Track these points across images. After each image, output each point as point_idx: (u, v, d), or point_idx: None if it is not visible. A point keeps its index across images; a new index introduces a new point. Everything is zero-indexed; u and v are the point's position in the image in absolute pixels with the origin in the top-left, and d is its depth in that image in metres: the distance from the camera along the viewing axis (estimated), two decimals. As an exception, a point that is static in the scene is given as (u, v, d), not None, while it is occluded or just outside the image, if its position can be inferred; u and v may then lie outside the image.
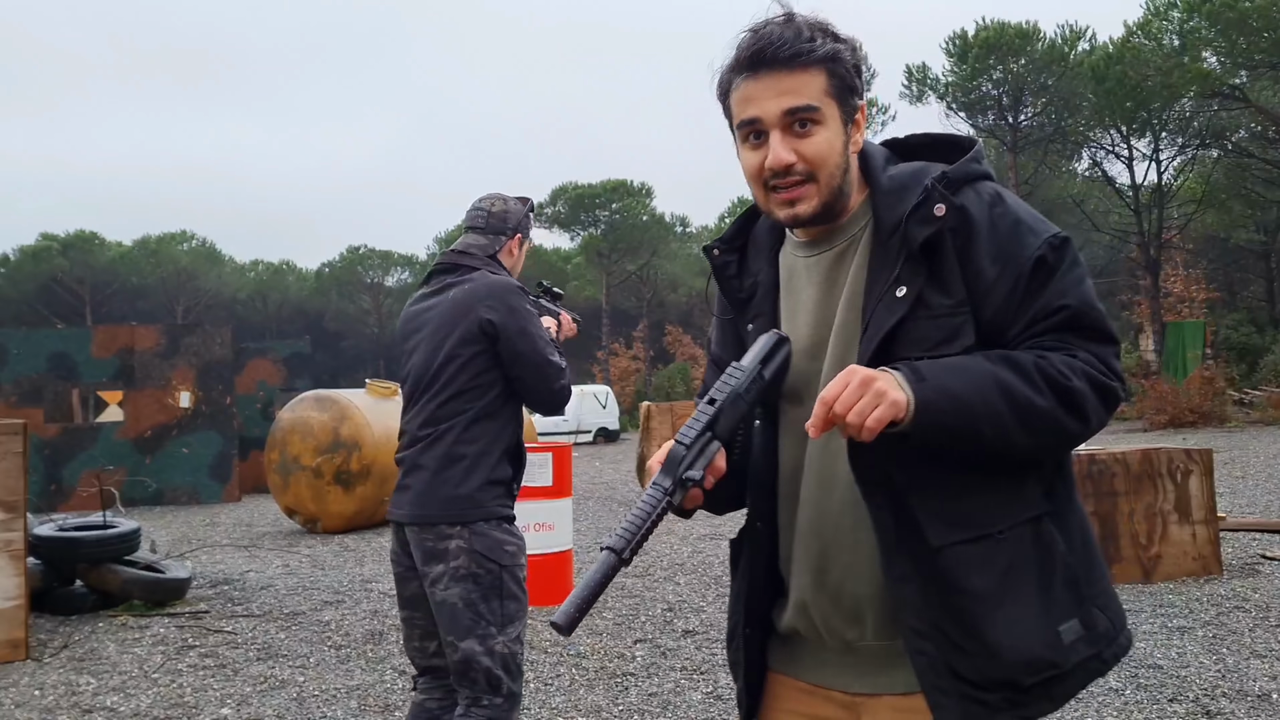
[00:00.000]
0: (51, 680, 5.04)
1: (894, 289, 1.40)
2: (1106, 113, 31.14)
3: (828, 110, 1.43)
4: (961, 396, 1.31)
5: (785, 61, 1.40)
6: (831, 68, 1.42)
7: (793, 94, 1.41)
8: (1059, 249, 1.40)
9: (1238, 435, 20.01)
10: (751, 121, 1.44)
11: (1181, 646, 4.98)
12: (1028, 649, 1.36)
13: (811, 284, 1.52)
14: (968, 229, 1.39)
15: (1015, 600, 1.37)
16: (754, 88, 1.42)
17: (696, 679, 4.72)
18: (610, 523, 10.83)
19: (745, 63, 1.43)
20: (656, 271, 52.18)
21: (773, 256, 1.59)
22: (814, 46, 1.41)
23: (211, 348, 15.03)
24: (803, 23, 1.43)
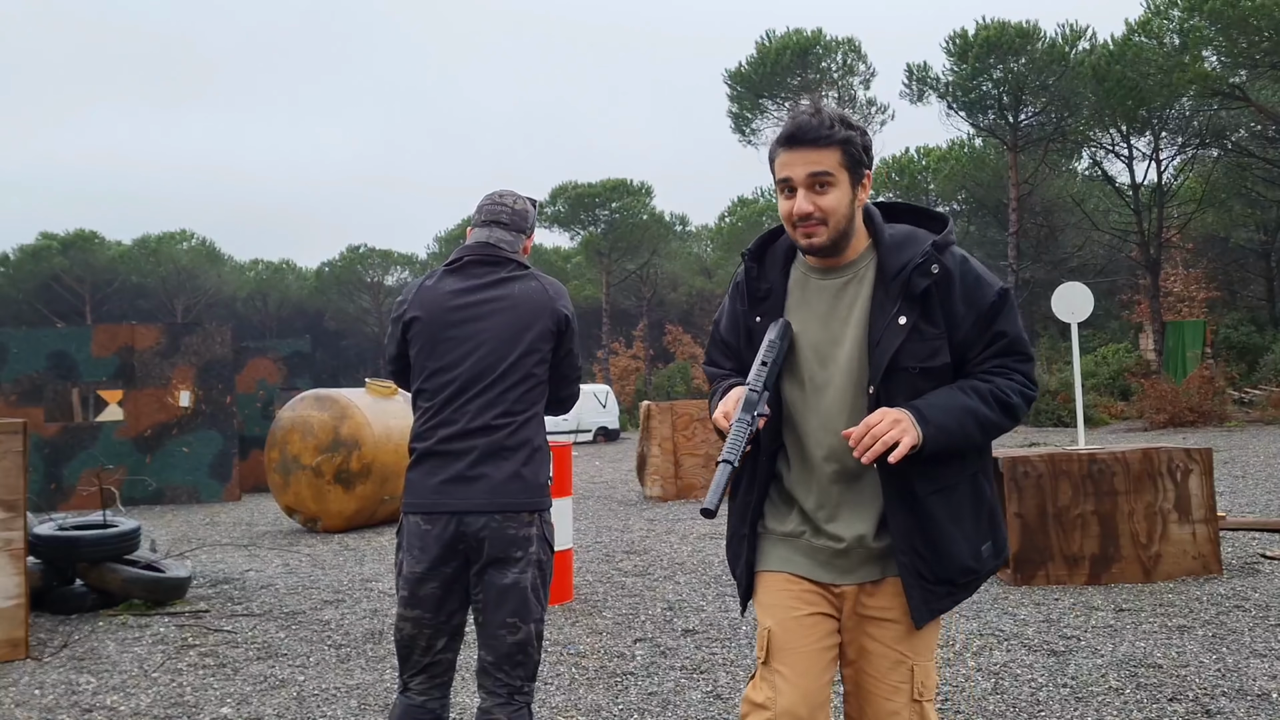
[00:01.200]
0: (51, 679, 5.04)
1: (897, 318, 2.07)
2: (1106, 112, 31.11)
3: (840, 177, 2.07)
4: (950, 429, 2.04)
5: (811, 142, 2.05)
6: (845, 148, 2.07)
7: (815, 164, 2.06)
8: (1003, 296, 2.12)
9: (1237, 434, 20.01)
10: (786, 180, 2.09)
11: (1181, 646, 4.98)
12: (962, 561, 2.12)
13: (822, 300, 2.17)
14: (948, 281, 2.09)
15: (960, 529, 2.12)
16: (789, 157, 2.08)
17: (696, 678, 4.73)
18: (610, 522, 10.83)
19: (784, 139, 2.09)
20: (656, 271, 52.17)
21: (784, 270, 2.23)
22: (833, 133, 2.05)
23: (211, 347, 15.03)
24: (827, 115, 2.07)
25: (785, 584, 2.18)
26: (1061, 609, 5.87)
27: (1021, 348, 2.14)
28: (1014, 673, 4.63)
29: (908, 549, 2.08)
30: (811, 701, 2.09)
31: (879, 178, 43.36)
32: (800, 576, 2.17)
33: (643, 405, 14.30)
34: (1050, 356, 35.23)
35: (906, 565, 2.09)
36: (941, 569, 2.10)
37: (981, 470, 2.17)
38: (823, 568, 2.17)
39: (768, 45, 38.20)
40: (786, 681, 2.09)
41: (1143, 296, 35.38)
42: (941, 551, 2.09)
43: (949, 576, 2.11)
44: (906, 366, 2.06)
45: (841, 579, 2.16)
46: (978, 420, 2.07)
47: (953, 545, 2.10)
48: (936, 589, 2.11)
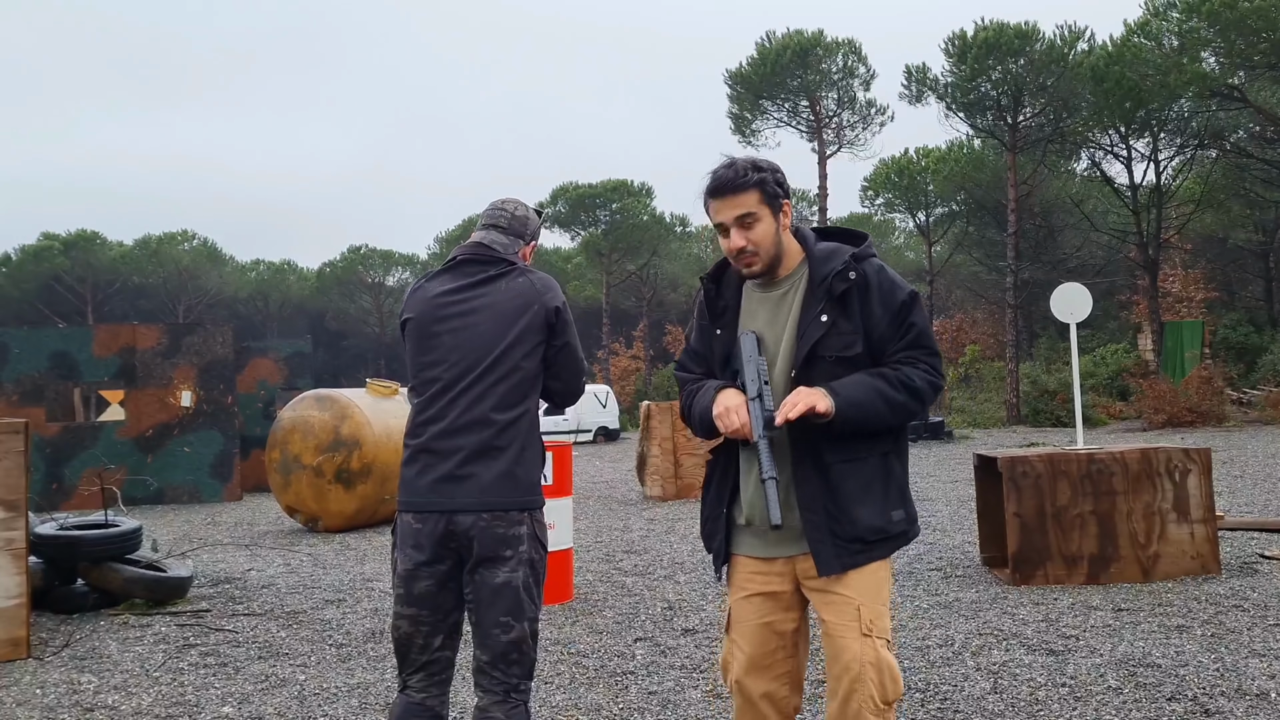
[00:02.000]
0: (53, 679, 5.05)
1: (819, 316, 2.48)
2: (1105, 113, 31.09)
3: (762, 212, 2.50)
4: (859, 402, 2.41)
5: (732, 190, 2.49)
6: (760, 188, 2.49)
7: (740, 207, 2.49)
8: (913, 297, 2.53)
9: (1236, 435, 20.02)
10: (720, 224, 2.53)
11: (1180, 645, 4.99)
12: (871, 521, 2.48)
13: (764, 309, 2.61)
14: (865, 286, 2.50)
15: (869, 495, 2.49)
16: (718, 205, 2.51)
17: (696, 677, 4.74)
18: (610, 522, 10.84)
19: (711, 192, 2.52)
20: (656, 271, 52.17)
21: (739, 288, 2.66)
22: (748, 179, 2.48)
23: (213, 347, 15.05)
24: (740, 165, 2.50)
25: (744, 566, 2.64)
26: (1060, 609, 5.88)
27: (927, 342, 2.53)
28: (1013, 672, 4.65)
29: (818, 509, 2.47)
30: (758, 664, 2.59)
31: (880, 178, 43.33)
32: (756, 557, 2.62)
33: (643, 405, 14.32)
34: (1049, 357, 35.27)
35: (814, 523, 2.47)
36: (852, 528, 2.47)
37: (894, 451, 2.57)
38: (771, 546, 2.59)
39: (768, 46, 38.19)
40: (739, 649, 2.61)
41: (1141, 297, 35.39)
42: (852, 513, 2.47)
43: (859, 535, 2.47)
44: (823, 355, 2.47)
45: (789, 550, 2.57)
46: (884, 398, 2.44)
47: (861, 508, 2.47)
48: (850, 545, 2.47)
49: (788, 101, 38.59)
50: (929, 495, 12.08)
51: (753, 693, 2.58)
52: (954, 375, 37.36)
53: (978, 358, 38.17)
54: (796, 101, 38.48)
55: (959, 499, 11.42)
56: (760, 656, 2.57)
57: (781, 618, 2.59)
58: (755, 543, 2.61)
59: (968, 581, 6.82)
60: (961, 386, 35.62)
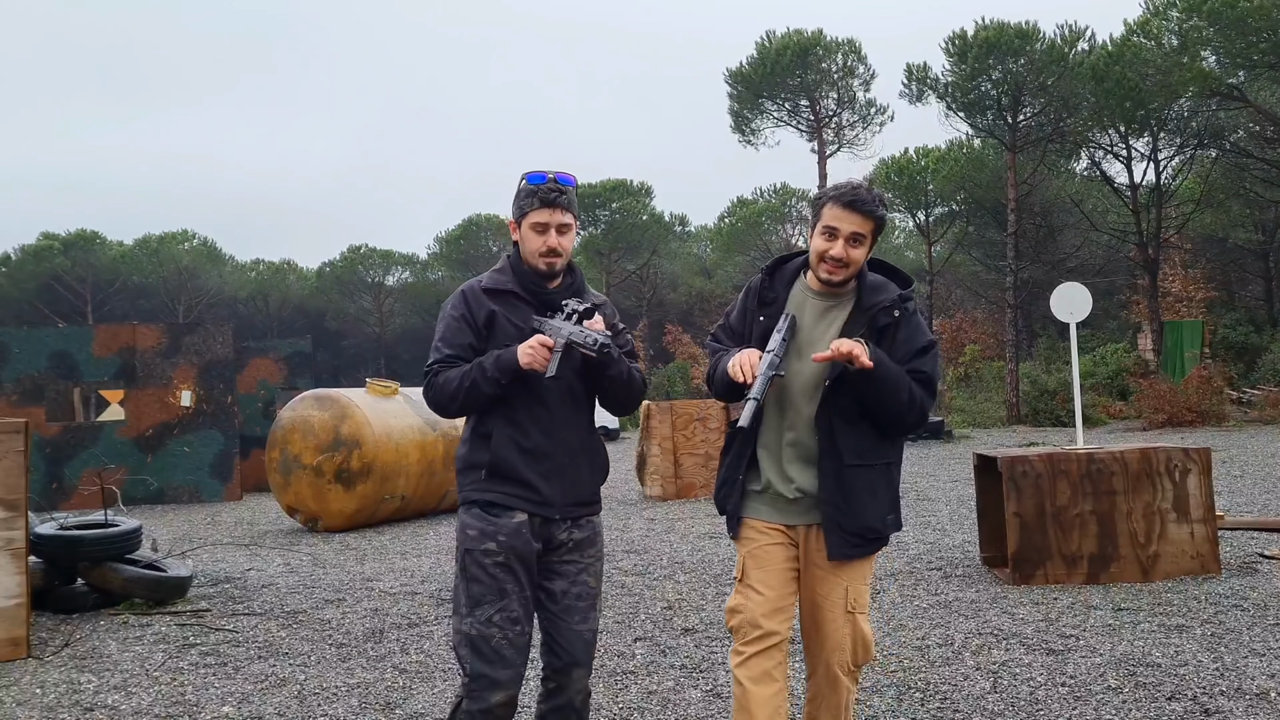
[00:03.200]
0: (53, 679, 5.05)
1: (858, 338, 2.82)
2: (1105, 112, 31.06)
3: (868, 240, 2.89)
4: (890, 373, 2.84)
5: (863, 210, 2.86)
6: (879, 223, 2.90)
7: (860, 226, 2.87)
8: (931, 345, 2.96)
9: (1236, 434, 20.02)
10: (831, 229, 2.87)
11: (1180, 645, 4.99)
12: (871, 522, 2.90)
13: (812, 313, 2.99)
14: (899, 324, 2.93)
15: (873, 499, 2.91)
16: (844, 214, 2.86)
17: (696, 677, 4.74)
18: (610, 521, 10.84)
19: (847, 202, 2.85)
20: (656, 271, 52.15)
21: (788, 287, 3.04)
22: (876, 209, 2.88)
23: (213, 346, 15.04)
24: (877, 194, 2.90)
25: (756, 525, 2.99)
26: (1060, 608, 5.88)
27: (932, 385, 2.95)
28: (1012, 672, 4.65)
29: (832, 502, 2.88)
30: (774, 605, 2.90)
31: (880, 178, 43.25)
32: (766, 521, 2.98)
33: (642, 405, 14.32)
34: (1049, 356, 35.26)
35: (829, 515, 2.88)
36: (855, 524, 2.87)
37: (895, 463, 3.00)
38: (781, 513, 2.97)
39: (768, 46, 38.17)
40: (756, 592, 2.91)
41: (1141, 297, 35.36)
42: (857, 510, 2.87)
43: (859, 531, 2.88)
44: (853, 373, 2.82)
45: (795, 521, 2.97)
46: (901, 384, 2.86)
47: (865, 509, 2.87)
48: (850, 538, 2.87)
49: (788, 101, 38.58)
50: (929, 495, 12.07)
51: (767, 632, 2.88)
52: (954, 375, 37.34)
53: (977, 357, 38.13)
54: (796, 101, 38.46)
55: (959, 499, 11.42)
56: (776, 596, 2.91)
57: (790, 565, 2.97)
58: (767, 510, 2.99)
59: (968, 581, 6.82)
60: (961, 386, 35.59)
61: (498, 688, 2.82)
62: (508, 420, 2.92)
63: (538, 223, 2.95)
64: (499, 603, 2.85)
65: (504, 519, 2.90)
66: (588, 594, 3.01)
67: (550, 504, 2.94)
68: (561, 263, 3.00)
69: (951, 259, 41.76)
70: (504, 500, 2.91)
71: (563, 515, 2.97)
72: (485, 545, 2.87)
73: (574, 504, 3.01)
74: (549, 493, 2.94)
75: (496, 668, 2.82)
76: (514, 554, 2.88)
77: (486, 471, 2.91)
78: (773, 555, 2.95)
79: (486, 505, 2.90)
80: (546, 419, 2.95)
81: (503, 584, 2.86)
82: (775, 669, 2.88)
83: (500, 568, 2.86)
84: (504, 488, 2.91)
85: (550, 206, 2.94)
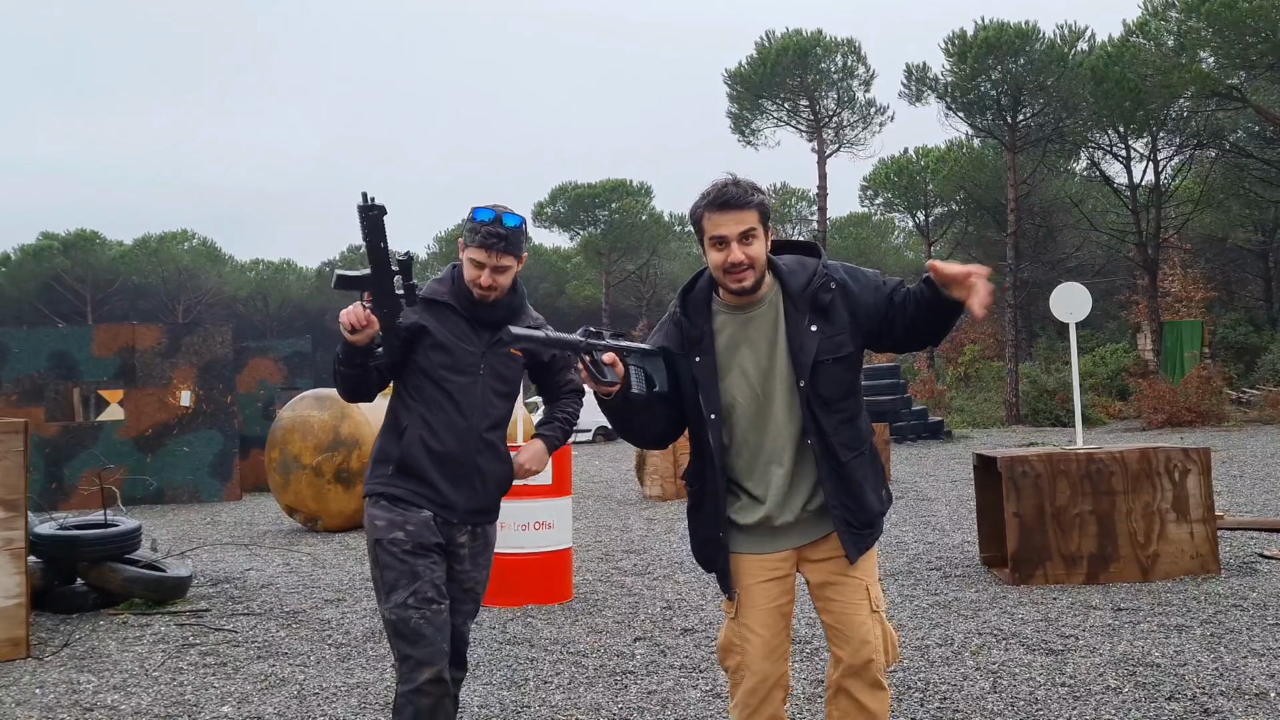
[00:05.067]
0: (52, 679, 5.05)
1: (809, 327, 2.68)
2: (1105, 113, 31.07)
3: (759, 231, 2.66)
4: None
5: (738, 205, 2.63)
6: (760, 208, 2.66)
7: (743, 223, 2.64)
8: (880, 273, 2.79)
9: (1235, 434, 20.03)
10: (718, 238, 2.64)
11: (1179, 645, 5.00)
12: (874, 509, 2.77)
13: (747, 329, 2.74)
14: (844, 288, 2.72)
15: (868, 483, 2.76)
16: (720, 218, 2.63)
17: (695, 677, 4.74)
18: (610, 521, 10.84)
19: (719, 205, 2.63)
20: (656, 271, 52.14)
21: (706, 314, 2.76)
22: (753, 198, 2.65)
23: (212, 346, 15.04)
24: (745, 184, 2.66)
25: (750, 561, 2.80)
26: (1059, 608, 5.88)
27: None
28: (1012, 672, 4.65)
29: (839, 504, 2.71)
30: (771, 647, 2.78)
31: (879, 178, 43.36)
32: (764, 554, 2.79)
33: (642, 405, 14.31)
34: (1048, 357, 35.25)
35: (839, 517, 2.72)
36: (863, 515, 2.75)
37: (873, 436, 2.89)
38: (780, 540, 2.79)
39: (767, 46, 38.16)
40: (753, 632, 2.78)
41: (1141, 297, 35.36)
42: (862, 502, 2.74)
43: (867, 520, 2.76)
44: (821, 360, 2.68)
45: (796, 543, 2.80)
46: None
47: (866, 496, 2.75)
48: (860, 531, 2.75)
49: (787, 101, 38.57)
50: (929, 495, 12.08)
51: (769, 676, 2.77)
52: (954, 375, 37.34)
53: (977, 357, 38.13)
54: (796, 101, 38.45)
55: (958, 499, 11.42)
56: (772, 638, 2.79)
57: (786, 600, 2.83)
58: (756, 541, 2.80)
59: (967, 581, 6.82)
60: (961, 386, 35.60)
61: (423, 666, 2.90)
62: (422, 421, 3.02)
63: (475, 260, 3.04)
64: (411, 585, 2.93)
65: (411, 512, 3.00)
66: (474, 596, 3.15)
67: (452, 508, 3.03)
68: (496, 295, 3.10)
69: (951, 259, 41.67)
70: (409, 496, 3.00)
71: (462, 521, 3.06)
72: (394, 534, 2.96)
73: (474, 511, 3.09)
74: (452, 497, 3.03)
75: (418, 646, 2.91)
76: (419, 543, 2.97)
77: (395, 467, 3.01)
78: (771, 592, 2.79)
79: (393, 499, 3.00)
80: (462, 426, 3.03)
81: (414, 566, 2.94)
82: (778, 712, 2.80)
83: (409, 553, 2.95)
84: (410, 485, 3.00)
85: (487, 250, 3.01)
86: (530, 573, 6.48)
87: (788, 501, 2.75)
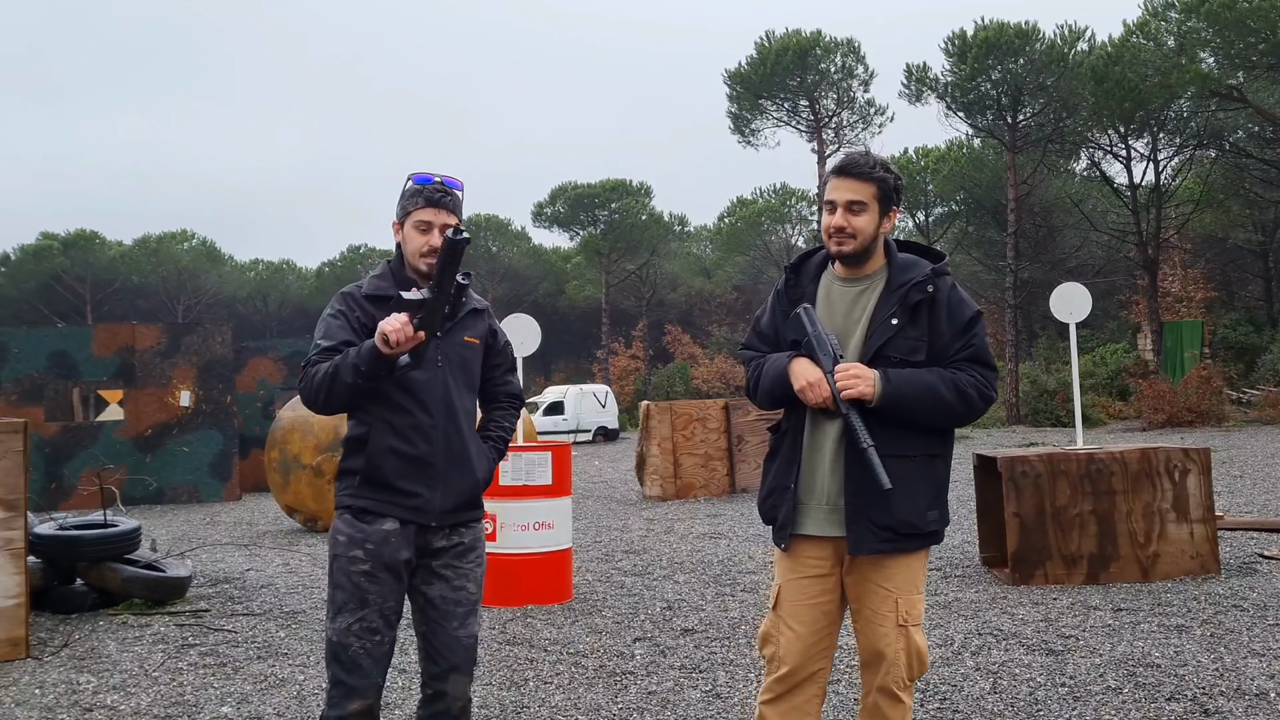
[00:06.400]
0: (52, 679, 5.04)
1: (890, 319, 2.70)
2: (1105, 113, 31.10)
3: (871, 206, 2.71)
4: (906, 394, 2.62)
5: (856, 175, 2.71)
6: (880, 185, 2.71)
7: (855, 193, 2.70)
8: (977, 316, 2.75)
9: (1235, 434, 20.03)
10: (831, 201, 2.73)
11: (1179, 645, 4.99)
12: (906, 516, 2.66)
13: (843, 302, 2.81)
14: (936, 301, 2.72)
15: (908, 492, 2.65)
16: (837, 183, 2.73)
17: (695, 677, 4.74)
18: (610, 522, 10.84)
19: (837, 169, 2.74)
20: (656, 271, 52.14)
21: (815, 280, 2.87)
22: (873, 172, 2.70)
23: (212, 346, 15.04)
24: (873, 157, 2.75)
25: (800, 549, 2.78)
26: (1060, 608, 5.88)
27: (985, 358, 2.73)
28: (1012, 672, 4.65)
29: (860, 493, 2.66)
30: (806, 642, 2.76)
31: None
32: (814, 536, 2.76)
33: (642, 405, 14.31)
34: (1049, 357, 35.26)
35: (856, 506, 2.67)
36: (888, 517, 2.65)
37: (941, 455, 2.76)
38: (828, 525, 2.75)
39: (767, 46, 38.19)
40: (789, 627, 2.78)
41: (1141, 297, 35.38)
42: (890, 504, 2.63)
43: (892, 525, 2.65)
44: (889, 355, 2.68)
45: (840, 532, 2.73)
46: (934, 395, 2.64)
47: (899, 502, 2.63)
48: (880, 533, 2.66)
49: (787, 101, 38.61)
50: (928, 495, 12.06)
51: (801, 669, 2.76)
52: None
53: (977, 357, 38.14)
54: (796, 101, 38.48)
55: (959, 499, 11.41)
56: (810, 635, 2.77)
57: (829, 599, 2.79)
58: (815, 520, 2.77)
59: (967, 581, 6.81)
60: (961, 386, 35.59)
61: (354, 695, 2.82)
62: (386, 425, 2.88)
63: (421, 220, 2.92)
64: (359, 612, 2.83)
65: (374, 526, 2.86)
66: (467, 600, 2.98)
67: (426, 511, 2.90)
68: None
69: (951, 259, 41.47)
70: (376, 507, 2.87)
71: (440, 523, 2.92)
72: (352, 553, 2.85)
73: (454, 510, 2.95)
74: (427, 499, 2.89)
75: (353, 676, 2.82)
76: (380, 563, 2.85)
77: (361, 477, 2.89)
78: (810, 590, 2.77)
79: (359, 512, 2.88)
80: (428, 424, 2.89)
81: (365, 593, 2.84)
82: (807, 704, 2.77)
83: (364, 576, 2.84)
84: (378, 494, 2.87)
85: (435, 206, 2.91)
86: (530, 573, 6.48)
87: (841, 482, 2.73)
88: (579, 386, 32.44)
